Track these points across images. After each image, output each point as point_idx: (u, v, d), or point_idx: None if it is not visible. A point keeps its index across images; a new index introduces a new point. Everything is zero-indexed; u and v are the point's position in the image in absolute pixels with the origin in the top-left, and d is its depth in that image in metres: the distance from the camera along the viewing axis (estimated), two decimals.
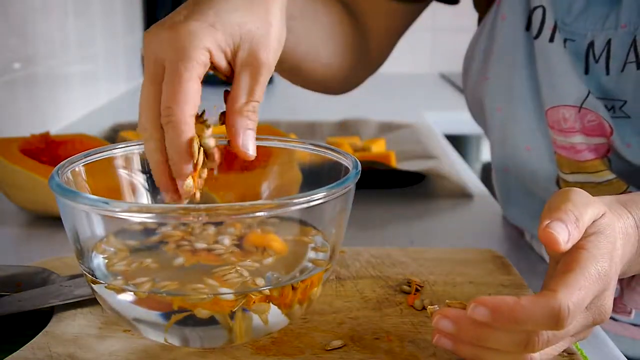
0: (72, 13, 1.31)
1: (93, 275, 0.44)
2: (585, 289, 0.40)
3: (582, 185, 0.64)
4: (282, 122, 1.19)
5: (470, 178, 0.97)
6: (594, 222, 0.44)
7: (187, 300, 0.41)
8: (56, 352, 0.44)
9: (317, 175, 0.50)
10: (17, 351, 0.45)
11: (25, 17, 1.09)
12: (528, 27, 0.65)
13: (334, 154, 0.50)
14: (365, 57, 0.81)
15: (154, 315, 0.43)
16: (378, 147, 1.01)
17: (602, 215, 0.45)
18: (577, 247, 0.42)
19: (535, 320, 0.38)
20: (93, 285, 0.44)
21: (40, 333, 0.47)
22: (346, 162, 0.48)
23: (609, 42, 0.59)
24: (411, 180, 0.90)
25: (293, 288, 0.43)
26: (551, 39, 0.63)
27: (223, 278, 0.43)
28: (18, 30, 1.07)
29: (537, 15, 0.64)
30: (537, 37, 0.64)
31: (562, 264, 0.42)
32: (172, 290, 0.42)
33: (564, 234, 0.42)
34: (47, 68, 1.18)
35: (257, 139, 0.55)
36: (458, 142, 1.45)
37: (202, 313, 0.42)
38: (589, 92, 0.61)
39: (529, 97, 0.66)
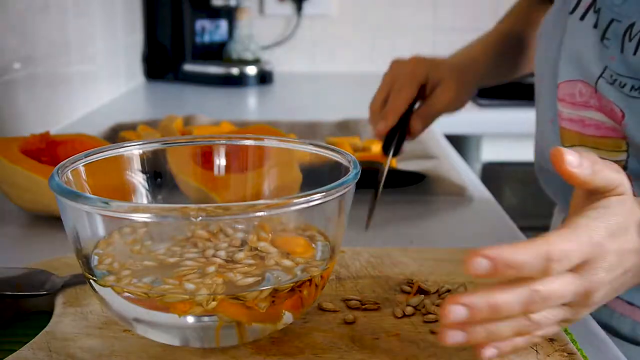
0: (72, 13, 1.31)
1: (93, 275, 0.44)
2: (574, 244, 0.42)
3: None
4: (282, 122, 1.19)
5: (470, 178, 0.97)
6: (605, 195, 0.45)
7: (187, 300, 0.42)
8: (56, 352, 0.44)
9: (317, 175, 0.50)
10: (17, 351, 0.45)
11: (25, 17, 1.09)
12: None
13: (334, 154, 0.50)
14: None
15: (154, 315, 0.43)
16: (378, 147, 1.01)
17: (618, 189, 0.45)
18: (580, 214, 0.44)
19: (530, 263, 0.40)
20: (93, 285, 0.44)
21: (40, 333, 0.47)
22: (346, 162, 0.48)
23: None
24: (411, 180, 0.90)
25: (293, 288, 0.43)
26: (582, 17, 0.64)
27: (223, 278, 0.43)
28: (18, 30, 1.07)
29: None
30: (572, 12, 0.66)
31: (561, 224, 0.43)
32: (172, 290, 0.42)
33: (574, 158, 0.43)
34: (47, 68, 1.18)
35: (257, 139, 0.55)
36: (458, 142, 1.45)
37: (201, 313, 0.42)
38: (603, 71, 0.62)
39: (549, 71, 0.69)
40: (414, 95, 0.83)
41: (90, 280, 0.44)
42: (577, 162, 0.43)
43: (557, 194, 0.76)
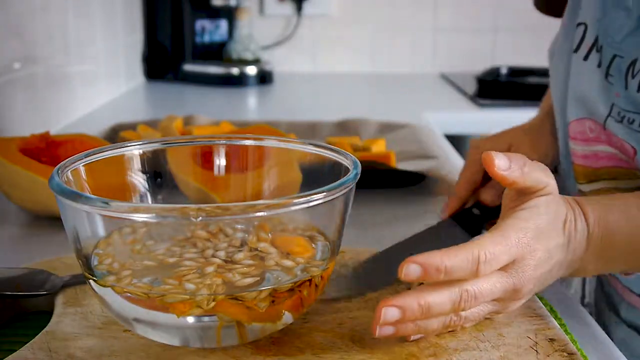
0: (72, 13, 1.31)
1: (93, 275, 0.44)
2: (502, 246, 0.45)
3: (597, 192, 0.65)
4: (282, 122, 1.19)
5: None
6: (535, 194, 0.49)
7: (187, 301, 0.41)
8: (56, 352, 0.44)
9: (317, 175, 0.50)
10: (17, 351, 0.45)
11: (25, 17, 1.09)
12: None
13: (334, 154, 0.50)
14: None
15: (154, 315, 0.43)
16: (378, 147, 1.01)
17: (546, 188, 0.49)
18: (510, 214, 0.48)
19: (459, 267, 0.43)
20: (93, 285, 0.44)
21: (40, 333, 0.47)
22: (346, 162, 0.48)
23: None
24: (411, 180, 0.90)
25: (293, 288, 0.43)
26: (585, 58, 0.64)
27: (223, 279, 0.43)
28: (18, 30, 1.07)
29: (579, 31, 0.65)
30: (575, 51, 0.66)
31: (494, 226, 0.47)
32: (172, 290, 0.42)
33: (504, 161, 0.47)
34: (47, 68, 1.18)
35: (257, 139, 0.55)
36: (458, 142, 1.45)
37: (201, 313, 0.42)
38: (610, 110, 0.62)
39: (558, 109, 0.69)
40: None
41: (90, 280, 0.44)
42: (505, 165, 0.47)
43: None
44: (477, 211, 0.70)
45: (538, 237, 0.47)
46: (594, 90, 0.63)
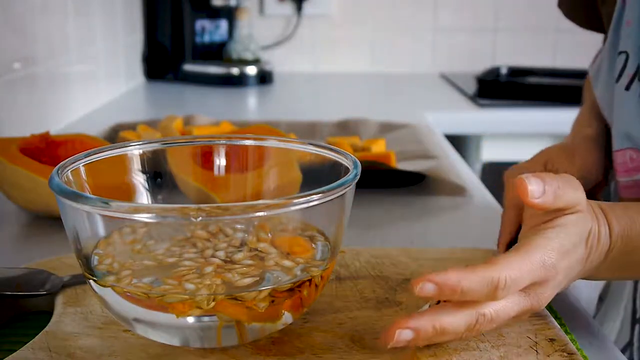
0: (72, 13, 1.31)
1: (93, 275, 0.44)
2: (525, 272, 0.44)
3: None
4: (282, 122, 1.19)
5: (470, 178, 0.97)
6: (564, 213, 0.47)
7: (186, 301, 0.41)
8: (56, 352, 0.44)
9: (317, 175, 0.50)
10: (17, 351, 0.45)
11: (25, 17, 1.09)
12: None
13: (334, 154, 0.50)
14: None
15: (154, 315, 0.43)
16: (378, 147, 1.01)
17: (576, 207, 0.47)
18: (536, 231, 0.47)
19: (475, 290, 0.42)
20: (93, 285, 0.44)
21: (40, 333, 0.47)
22: (346, 162, 0.48)
23: None
24: (411, 180, 0.90)
25: (293, 288, 0.43)
26: (627, 88, 0.63)
27: (222, 279, 0.43)
28: (18, 30, 1.07)
29: (620, 60, 0.64)
30: (617, 81, 0.65)
31: (518, 243, 0.46)
32: (172, 290, 0.42)
33: (537, 186, 0.45)
34: (47, 68, 1.18)
35: (257, 139, 0.55)
36: (458, 142, 1.45)
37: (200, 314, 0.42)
38: None
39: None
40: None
41: (90, 280, 0.44)
42: (539, 193, 0.46)
43: None
44: None
45: (562, 257, 0.46)
46: (636, 121, 0.62)
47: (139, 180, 0.52)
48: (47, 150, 0.81)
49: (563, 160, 0.70)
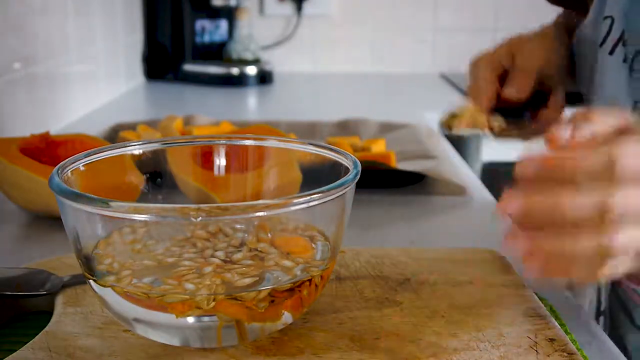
0: (72, 13, 1.31)
1: (93, 275, 0.44)
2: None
3: None
4: (282, 122, 1.19)
5: (470, 178, 0.97)
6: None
7: (186, 301, 0.41)
8: (56, 352, 0.44)
9: (317, 175, 0.50)
10: (17, 351, 0.45)
11: (25, 17, 1.09)
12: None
13: (334, 154, 0.50)
14: None
15: (154, 315, 0.43)
16: (378, 147, 1.01)
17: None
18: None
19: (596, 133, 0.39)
20: (93, 285, 0.44)
21: (40, 333, 0.47)
22: (346, 162, 0.48)
23: None
24: (411, 180, 0.90)
25: (293, 288, 0.43)
26: (611, 52, 0.64)
27: (222, 279, 0.43)
28: (18, 30, 1.07)
29: (605, 25, 0.64)
30: (601, 45, 0.65)
31: None
32: (172, 290, 0.42)
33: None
34: (47, 68, 1.18)
35: (257, 139, 0.55)
36: (458, 142, 1.45)
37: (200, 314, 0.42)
38: (634, 106, 0.61)
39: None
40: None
41: (90, 280, 0.44)
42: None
43: None
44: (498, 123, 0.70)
45: None
46: (619, 86, 0.63)
47: (139, 180, 0.52)
48: (47, 150, 0.81)
49: (525, 51, 0.72)
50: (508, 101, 0.72)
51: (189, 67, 1.77)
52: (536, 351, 0.45)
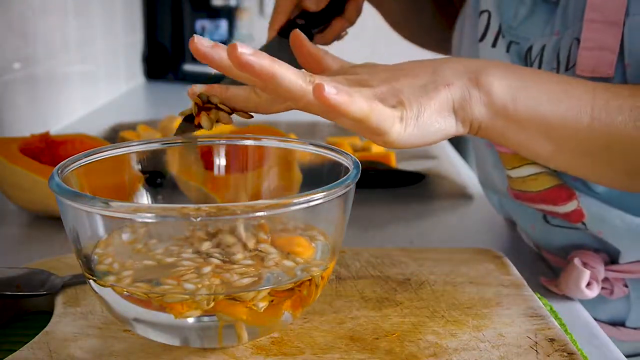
0: (72, 13, 1.31)
1: (93, 275, 0.44)
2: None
3: (524, 179, 0.64)
4: (282, 122, 1.19)
5: (470, 178, 0.97)
6: None
7: (186, 301, 0.41)
8: (56, 352, 0.44)
9: (317, 175, 0.50)
10: (17, 351, 0.45)
11: (25, 17, 1.09)
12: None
13: (334, 154, 0.50)
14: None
15: (154, 315, 0.43)
16: (378, 147, 1.01)
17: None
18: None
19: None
20: (93, 286, 0.44)
21: (40, 333, 0.47)
22: (346, 162, 0.48)
23: (543, 48, 0.60)
24: (411, 180, 0.90)
25: (293, 288, 0.43)
26: (494, 44, 0.64)
27: (222, 279, 0.43)
28: (18, 30, 1.07)
29: (483, 20, 0.65)
30: (481, 40, 0.65)
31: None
32: (172, 290, 0.42)
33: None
34: (47, 68, 1.18)
35: (257, 139, 0.55)
36: (458, 142, 1.45)
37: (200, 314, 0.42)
38: None
39: None
40: None
41: (90, 280, 0.44)
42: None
43: (497, 205, 0.75)
44: (302, 21, 0.69)
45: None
46: None
47: (139, 180, 0.52)
48: (47, 150, 0.81)
49: None
50: (308, 11, 0.71)
51: (189, 67, 1.77)
52: (536, 351, 0.45)
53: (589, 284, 0.59)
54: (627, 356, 0.53)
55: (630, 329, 0.65)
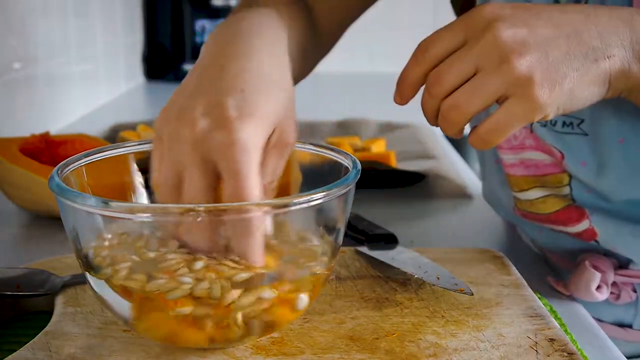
0: (72, 13, 1.31)
1: (93, 275, 0.44)
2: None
3: (532, 202, 0.63)
4: None
5: (470, 178, 0.97)
6: None
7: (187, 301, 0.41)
8: (56, 352, 0.44)
9: (317, 175, 0.50)
10: (17, 351, 0.45)
11: (25, 17, 1.09)
12: None
13: (334, 154, 0.50)
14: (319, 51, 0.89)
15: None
16: (378, 147, 1.01)
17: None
18: None
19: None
20: (93, 285, 0.44)
21: (40, 333, 0.47)
22: (346, 162, 0.48)
23: None
24: (411, 180, 0.90)
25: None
26: None
27: (225, 278, 0.43)
28: (18, 30, 1.07)
29: None
30: None
31: None
32: (171, 290, 0.42)
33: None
34: (47, 68, 1.19)
35: None
36: (458, 142, 1.45)
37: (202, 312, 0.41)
38: None
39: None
40: None
41: (90, 280, 0.44)
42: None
43: (501, 214, 0.75)
44: None
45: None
46: None
47: (139, 180, 0.52)
48: (47, 150, 0.81)
49: None
50: None
51: (189, 67, 1.77)
52: (536, 351, 0.45)
53: (598, 287, 0.59)
54: (632, 357, 0.52)
55: (637, 330, 0.65)
